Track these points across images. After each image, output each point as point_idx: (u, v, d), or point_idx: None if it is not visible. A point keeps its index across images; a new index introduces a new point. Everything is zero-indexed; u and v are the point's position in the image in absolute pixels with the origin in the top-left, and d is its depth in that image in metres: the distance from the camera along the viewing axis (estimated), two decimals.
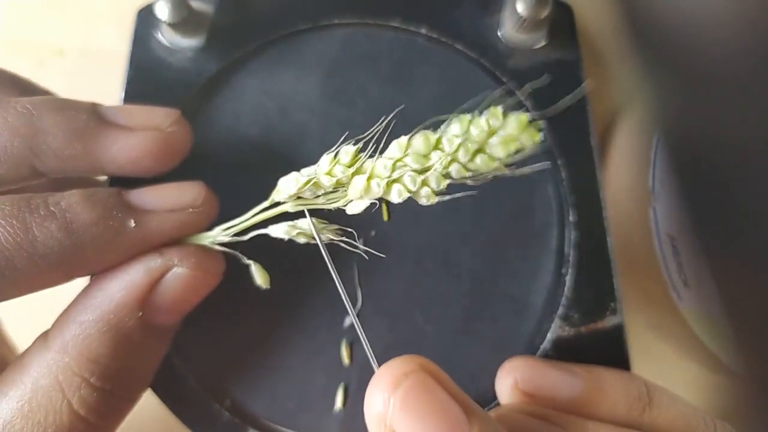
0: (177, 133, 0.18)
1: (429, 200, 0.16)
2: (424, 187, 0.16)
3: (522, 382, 0.18)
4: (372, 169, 0.16)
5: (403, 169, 0.16)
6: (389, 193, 0.16)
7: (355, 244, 0.17)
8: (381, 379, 0.14)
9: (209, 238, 0.17)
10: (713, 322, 0.22)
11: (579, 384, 0.18)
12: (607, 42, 0.29)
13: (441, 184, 0.16)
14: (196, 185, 0.18)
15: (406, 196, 0.16)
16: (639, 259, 0.25)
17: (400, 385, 0.14)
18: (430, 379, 0.14)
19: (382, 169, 0.16)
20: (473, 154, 0.16)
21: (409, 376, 0.14)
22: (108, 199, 0.16)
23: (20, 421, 0.15)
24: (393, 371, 0.14)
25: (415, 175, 0.16)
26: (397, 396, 0.14)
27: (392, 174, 0.16)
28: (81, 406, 0.15)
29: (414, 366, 0.14)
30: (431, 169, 0.16)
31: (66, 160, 0.16)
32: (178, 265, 0.16)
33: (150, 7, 0.22)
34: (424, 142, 0.16)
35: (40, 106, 0.16)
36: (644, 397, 0.18)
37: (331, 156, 0.17)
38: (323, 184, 0.17)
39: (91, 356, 0.15)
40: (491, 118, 0.16)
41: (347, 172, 0.17)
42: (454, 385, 0.15)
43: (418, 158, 0.16)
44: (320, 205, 0.17)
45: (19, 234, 0.15)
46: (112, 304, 0.16)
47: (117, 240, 0.16)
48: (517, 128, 0.16)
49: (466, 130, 0.16)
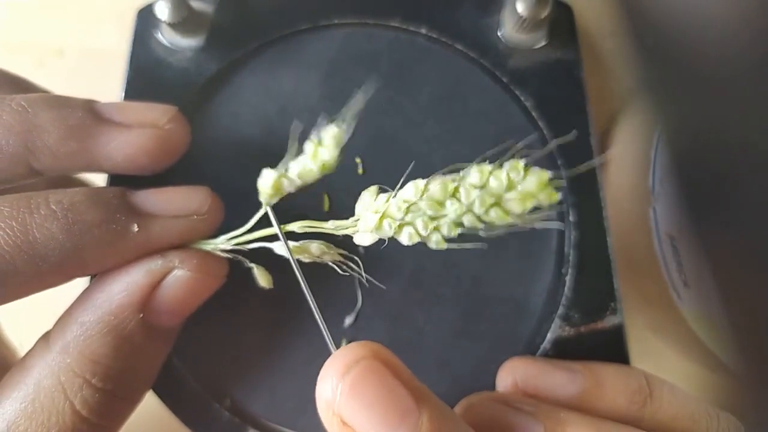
0: (174, 130, 0.18)
1: (438, 246, 0.16)
2: (435, 233, 0.16)
3: (522, 382, 0.18)
4: (386, 209, 0.16)
5: (416, 214, 0.16)
6: (400, 234, 0.16)
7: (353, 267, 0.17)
8: (331, 365, 0.14)
9: (212, 246, 0.17)
10: (713, 322, 0.22)
11: (579, 381, 0.18)
12: (607, 42, 0.29)
13: (453, 233, 0.16)
14: (203, 191, 0.17)
15: (416, 240, 0.16)
16: (639, 259, 0.25)
17: (349, 371, 0.14)
18: (381, 365, 0.14)
19: (396, 211, 0.16)
20: (489, 207, 0.16)
21: (359, 363, 0.14)
22: (112, 201, 0.16)
23: (24, 422, 0.15)
24: (344, 357, 0.14)
25: (427, 221, 0.16)
26: (345, 382, 0.14)
27: (405, 216, 0.16)
28: (83, 407, 0.15)
29: (365, 352, 0.14)
30: (444, 218, 0.16)
31: (62, 157, 0.16)
32: (180, 267, 0.16)
33: (150, 7, 0.22)
34: (441, 190, 0.16)
35: (35, 103, 0.16)
36: (644, 390, 0.18)
37: (314, 140, 0.17)
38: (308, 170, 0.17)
39: (93, 357, 0.15)
40: (512, 171, 0.16)
41: (332, 152, 0.17)
42: (408, 372, 0.14)
43: (433, 205, 0.16)
44: (328, 229, 0.17)
45: (19, 236, 0.15)
46: (113, 305, 0.16)
47: (119, 244, 0.16)
48: (537, 186, 0.16)
49: (485, 183, 0.16)
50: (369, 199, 0.17)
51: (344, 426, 0.14)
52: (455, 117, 0.22)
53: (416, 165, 0.22)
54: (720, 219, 0.09)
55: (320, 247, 0.18)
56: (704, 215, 0.09)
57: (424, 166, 0.21)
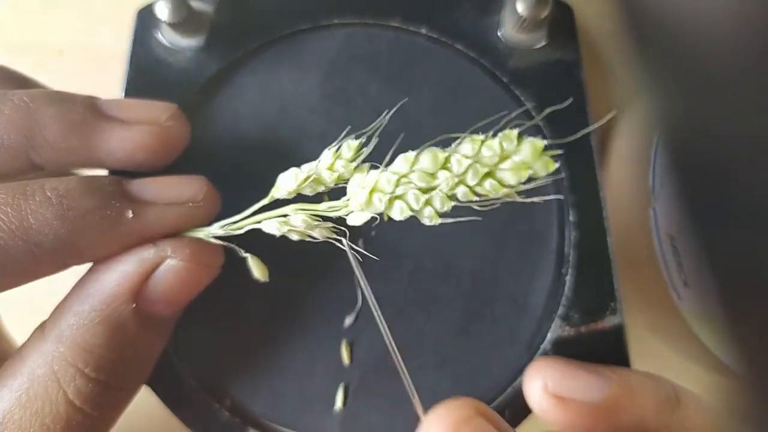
0: (174, 128, 0.18)
1: (432, 221, 0.16)
2: (427, 207, 0.16)
3: (552, 385, 0.18)
4: (375, 183, 0.16)
5: (407, 186, 0.16)
6: (391, 209, 0.16)
7: (354, 247, 0.17)
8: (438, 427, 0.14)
9: (205, 233, 0.17)
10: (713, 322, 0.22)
11: (608, 386, 0.17)
12: (607, 42, 0.29)
13: (446, 206, 0.16)
14: (198, 180, 0.18)
15: (408, 215, 0.16)
16: (639, 259, 0.25)
17: None
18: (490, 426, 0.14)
19: (386, 184, 0.16)
20: (482, 178, 0.16)
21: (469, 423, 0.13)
22: (107, 188, 0.16)
23: (19, 411, 0.15)
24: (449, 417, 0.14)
25: (419, 194, 0.16)
26: None
27: (395, 190, 0.16)
28: (76, 397, 0.15)
29: (472, 411, 0.14)
30: (436, 189, 0.16)
31: (63, 152, 0.16)
32: (172, 256, 0.16)
33: (150, 7, 0.22)
34: (432, 160, 0.16)
35: (37, 98, 0.16)
36: (672, 398, 0.17)
37: (333, 150, 0.17)
38: (324, 179, 0.17)
39: (86, 347, 0.15)
40: (505, 140, 0.16)
41: (349, 167, 0.17)
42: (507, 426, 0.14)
43: (424, 176, 0.16)
44: (321, 212, 0.17)
45: (14, 222, 0.15)
46: (105, 294, 0.16)
47: (113, 230, 0.16)
48: (532, 155, 0.15)
49: (477, 152, 0.16)
50: (360, 176, 0.17)
51: None
52: (455, 117, 0.22)
53: None
54: (720, 219, 0.09)
55: (306, 219, 0.17)
56: (704, 215, 0.09)
57: None
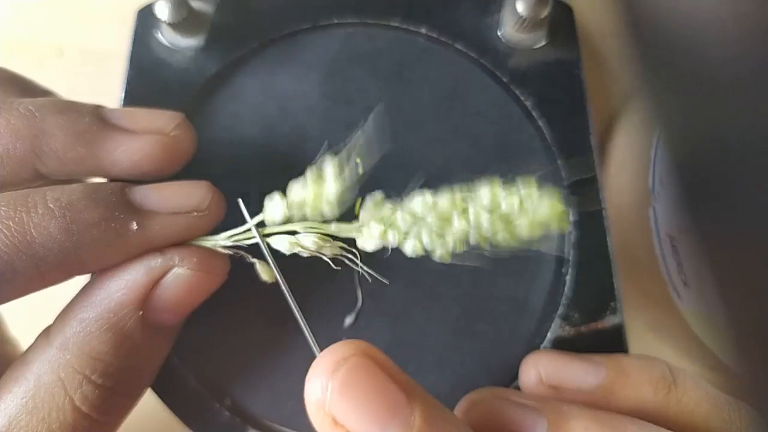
0: (181, 137, 0.18)
1: (442, 260, 0.16)
2: (439, 248, 0.16)
3: (546, 375, 0.18)
4: (391, 222, 0.16)
5: (422, 227, 0.16)
6: (404, 245, 0.16)
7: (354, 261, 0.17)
8: (319, 365, 0.14)
9: (213, 242, 0.17)
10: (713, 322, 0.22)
11: (602, 371, 0.18)
12: (607, 42, 0.29)
13: (457, 249, 0.16)
14: (204, 186, 0.17)
15: (420, 253, 0.16)
16: (639, 259, 0.25)
17: (338, 369, 0.14)
18: (370, 362, 0.14)
19: (401, 223, 0.16)
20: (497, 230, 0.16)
21: (348, 360, 0.14)
22: (110, 198, 0.16)
23: (25, 417, 0.15)
24: (332, 356, 0.14)
25: (433, 236, 0.16)
26: (335, 380, 0.14)
27: (410, 230, 0.16)
28: (83, 403, 0.15)
29: (353, 350, 0.14)
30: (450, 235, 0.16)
31: (68, 162, 0.16)
32: (179, 265, 0.16)
33: (150, 7, 0.22)
34: (450, 206, 0.16)
35: (43, 108, 0.16)
36: (668, 377, 0.18)
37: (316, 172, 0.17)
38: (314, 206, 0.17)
39: (93, 354, 0.15)
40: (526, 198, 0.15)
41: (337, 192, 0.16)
42: (397, 369, 0.14)
43: (440, 221, 0.16)
44: (330, 232, 0.17)
45: (17, 236, 0.14)
46: (112, 303, 0.16)
47: (118, 242, 0.16)
48: (549, 215, 0.15)
49: (496, 207, 0.15)
50: (374, 207, 0.16)
51: (336, 425, 0.14)
52: (455, 117, 0.22)
53: (416, 165, 0.22)
54: (720, 219, 0.09)
55: (317, 241, 0.17)
56: (704, 215, 0.09)
57: (424, 166, 0.21)
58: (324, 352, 0.14)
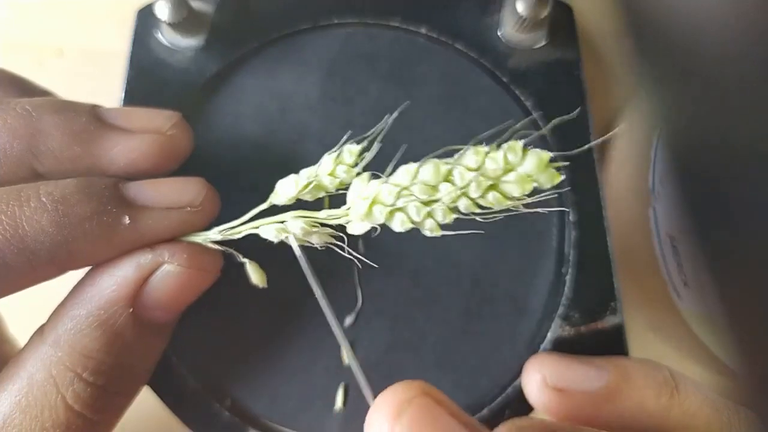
0: (177, 136, 0.18)
1: (433, 232, 0.16)
2: (428, 219, 0.16)
3: (550, 377, 0.18)
4: (376, 195, 0.16)
5: (408, 198, 0.16)
6: (391, 220, 0.16)
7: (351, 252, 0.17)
8: (382, 409, 0.14)
9: (203, 237, 0.17)
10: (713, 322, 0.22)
11: (606, 375, 0.18)
12: (607, 42, 0.29)
13: (447, 218, 0.16)
14: (197, 182, 0.17)
15: (409, 227, 0.16)
16: (639, 259, 0.25)
17: (402, 413, 0.13)
18: (434, 404, 0.14)
19: (387, 196, 0.16)
20: (486, 190, 0.15)
21: (412, 403, 0.13)
22: (104, 192, 0.16)
23: (19, 415, 0.15)
24: (394, 399, 0.14)
25: (420, 206, 0.15)
26: (402, 425, 0.13)
27: (396, 202, 0.16)
28: (75, 401, 0.15)
29: (416, 391, 0.14)
30: (438, 202, 0.15)
31: (65, 161, 0.16)
32: (169, 261, 0.16)
33: (150, 7, 0.22)
34: (434, 173, 0.15)
35: (39, 107, 0.16)
36: (670, 382, 0.18)
37: (333, 156, 0.17)
38: (325, 185, 0.17)
39: (84, 351, 0.15)
40: (509, 152, 0.15)
41: (351, 173, 0.16)
42: (458, 408, 0.14)
43: (426, 189, 0.15)
44: (321, 220, 0.17)
45: (9, 230, 0.14)
46: (103, 299, 0.16)
47: (111, 236, 0.16)
48: (537, 168, 0.15)
49: (481, 164, 0.15)
50: (360, 185, 0.16)
51: None
52: (455, 117, 0.22)
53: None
54: (720, 219, 0.09)
55: (304, 227, 0.17)
56: (704, 215, 0.09)
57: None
58: (383, 395, 0.14)
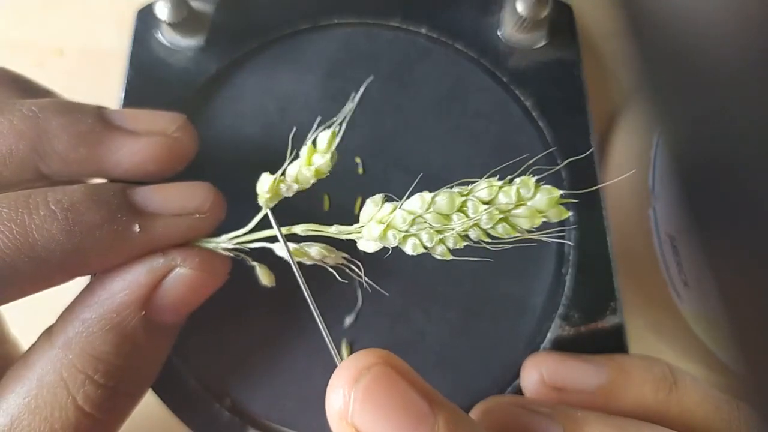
0: (182, 139, 0.18)
1: (443, 257, 0.16)
2: (440, 245, 0.16)
3: (548, 376, 0.18)
4: (391, 220, 0.16)
5: (422, 225, 0.16)
6: (404, 244, 0.16)
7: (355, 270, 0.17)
8: (341, 375, 0.14)
9: (214, 244, 0.17)
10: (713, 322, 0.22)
11: (604, 372, 0.18)
12: (607, 42, 0.29)
13: (458, 245, 0.16)
14: (205, 188, 0.17)
15: (420, 251, 0.16)
16: (639, 259, 0.25)
17: (360, 379, 0.14)
18: (392, 371, 0.14)
19: (401, 222, 0.16)
20: (497, 222, 0.16)
21: (370, 370, 0.14)
22: (112, 200, 0.16)
23: (28, 416, 0.15)
24: (354, 366, 0.14)
25: (433, 233, 0.16)
26: (357, 390, 0.13)
27: (410, 228, 0.16)
28: (86, 403, 0.15)
29: (375, 359, 0.14)
30: (450, 230, 0.16)
31: (71, 163, 0.16)
32: (181, 265, 0.16)
33: (150, 7, 0.22)
34: (448, 203, 0.16)
35: (45, 109, 0.16)
36: (668, 377, 0.18)
37: (309, 145, 0.17)
38: (304, 176, 0.17)
39: (95, 354, 0.15)
40: (522, 187, 0.16)
41: (326, 157, 0.17)
42: (419, 377, 0.14)
43: (439, 218, 0.16)
44: (331, 234, 0.17)
45: (19, 238, 0.14)
46: (115, 303, 0.16)
47: (120, 244, 0.16)
48: (548, 204, 0.15)
49: (494, 197, 0.16)
50: (374, 208, 0.17)
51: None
52: (455, 117, 0.22)
53: (416, 165, 0.22)
54: (720, 219, 0.09)
55: (321, 251, 0.17)
56: (704, 215, 0.09)
57: (424, 167, 0.21)
58: (345, 361, 0.14)
